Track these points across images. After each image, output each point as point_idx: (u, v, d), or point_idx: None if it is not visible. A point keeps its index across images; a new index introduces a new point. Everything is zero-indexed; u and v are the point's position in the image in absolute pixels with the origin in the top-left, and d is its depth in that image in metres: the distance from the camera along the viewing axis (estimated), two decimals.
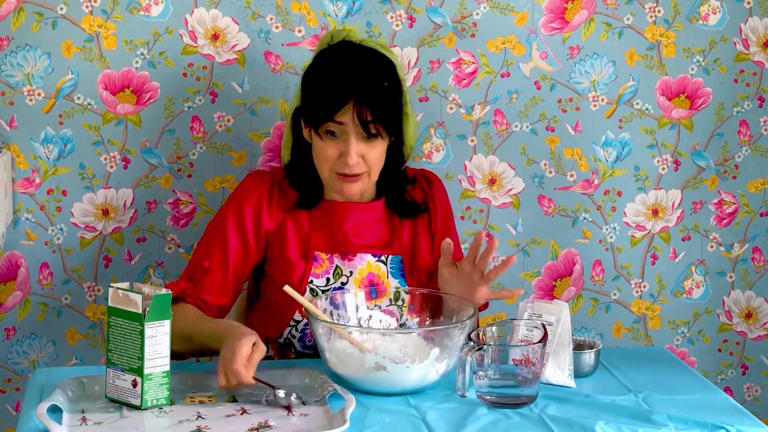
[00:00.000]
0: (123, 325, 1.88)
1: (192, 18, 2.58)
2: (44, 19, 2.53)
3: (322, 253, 2.28)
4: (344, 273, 2.28)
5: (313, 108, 2.20)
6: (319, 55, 2.27)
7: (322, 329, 2.01)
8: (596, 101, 2.76)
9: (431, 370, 1.97)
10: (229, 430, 1.79)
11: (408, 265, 2.32)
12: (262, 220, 2.27)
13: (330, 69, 2.20)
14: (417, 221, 2.35)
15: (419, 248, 2.34)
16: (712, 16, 2.76)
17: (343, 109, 2.15)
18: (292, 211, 2.29)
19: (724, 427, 1.85)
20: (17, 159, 2.58)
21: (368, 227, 2.31)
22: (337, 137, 2.19)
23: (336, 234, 2.29)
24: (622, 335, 2.88)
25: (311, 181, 2.30)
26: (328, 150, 2.20)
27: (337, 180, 2.22)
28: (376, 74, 2.19)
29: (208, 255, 2.25)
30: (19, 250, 2.62)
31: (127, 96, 2.59)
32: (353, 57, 2.21)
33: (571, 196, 2.79)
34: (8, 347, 2.66)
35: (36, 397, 1.93)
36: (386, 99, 2.19)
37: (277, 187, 2.30)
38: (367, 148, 2.20)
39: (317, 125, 2.19)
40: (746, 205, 2.87)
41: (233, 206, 2.29)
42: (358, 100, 2.15)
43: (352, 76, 2.17)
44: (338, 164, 2.20)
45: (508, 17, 2.69)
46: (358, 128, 2.17)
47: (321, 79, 2.20)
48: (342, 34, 2.32)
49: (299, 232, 2.29)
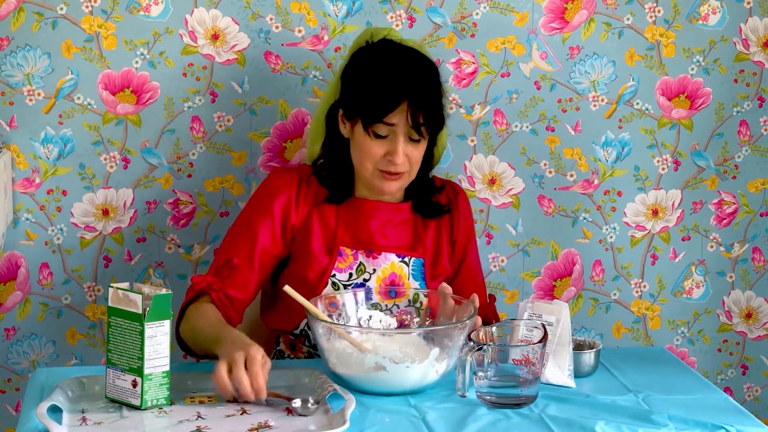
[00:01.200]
0: (123, 325, 1.88)
1: (192, 18, 2.58)
2: (44, 19, 2.53)
3: (347, 248, 2.28)
4: (367, 270, 2.28)
5: (364, 108, 2.19)
6: (364, 54, 2.27)
7: (321, 329, 2.01)
8: (596, 101, 2.76)
9: (431, 370, 1.97)
10: (229, 430, 1.78)
11: (429, 269, 2.32)
12: (291, 216, 2.27)
13: (382, 69, 2.20)
14: (440, 228, 2.35)
15: (441, 254, 2.34)
16: (712, 16, 2.76)
17: (397, 110, 2.16)
18: (319, 206, 2.29)
19: (724, 427, 1.85)
20: (17, 159, 2.58)
21: (394, 228, 2.31)
22: (385, 137, 2.20)
23: (362, 232, 2.29)
24: (622, 335, 2.88)
25: (344, 177, 2.30)
26: (375, 148, 2.20)
27: (380, 177, 2.23)
28: (429, 76, 2.21)
29: (236, 250, 2.25)
30: (19, 250, 2.62)
31: (127, 96, 2.59)
32: (405, 58, 2.22)
33: (571, 196, 2.79)
34: (8, 347, 2.66)
35: (36, 397, 1.93)
36: (438, 102, 2.21)
37: (305, 183, 2.30)
38: (413, 148, 2.21)
39: (367, 125, 2.19)
40: (746, 205, 2.87)
41: (262, 202, 2.28)
42: (413, 102, 2.16)
43: (407, 78, 2.17)
44: (383, 162, 2.21)
45: (508, 17, 2.69)
46: (409, 129, 2.18)
47: (373, 79, 2.19)
48: (382, 33, 2.32)
49: (325, 227, 2.28)
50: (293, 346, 2.33)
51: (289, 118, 2.66)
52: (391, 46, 2.26)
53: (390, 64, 2.21)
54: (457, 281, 2.37)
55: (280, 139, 2.66)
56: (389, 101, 2.16)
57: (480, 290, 2.40)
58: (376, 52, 2.25)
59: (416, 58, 2.23)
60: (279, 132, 2.66)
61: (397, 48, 2.26)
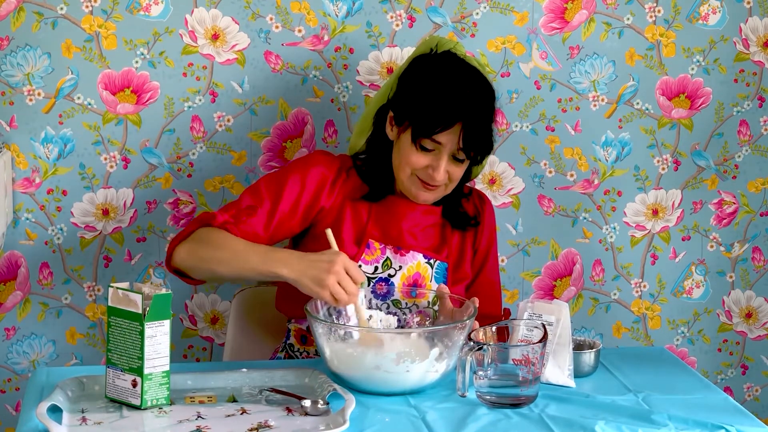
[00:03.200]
0: (123, 325, 1.88)
1: (192, 18, 2.58)
2: (44, 19, 2.53)
3: (375, 242, 2.28)
4: (393, 266, 2.28)
5: (416, 119, 2.17)
6: (425, 63, 2.23)
7: (321, 329, 2.01)
8: (596, 101, 2.76)
9: (431, 370, 1.97)
10: (229, 430, 1.78)
11: (452, 273, 2.32)
12: (322, 196, 2.26)
13: (441, 85, 2.17)
14: (465, 234, 2.35)
15: (464, 260, 2.34)
16: (712, 16, 2.76)
17: (449, 131, 2.15)
18: (353, 199, 2.29)
19: (724, 427, 1.85)
20: (17, 159, 2.58)
21: (423, 230, 2.31)
22: (430, 150, 2.18)
23: (392, 230, 2.29)
24: (622, 335, 2.88)
25: (384, 176, 2.29)
26: (417, 158, 2.19)
27: (416, 185, 2.23)
28: (486, 101, 2.19)
29: (259, 201, 2.23)
30: (19, 250, 2.62)
31: (127, 96, 2.59)
32: (466, 78, 2.19)
33: (571, 196, 2.79)
34: (8, 347, 2.66)
35: (36, 397, 1.93)
36: (490, 128, 2.19)
37: (344, 172, 2.30)
38: (455, 166, 2.20)
39: (415, 137, 2.17)
40: (746, 205, 2.87)
41: (299, 169, 2.26)
42: (466, 125, 2.14)
43: (465, 100, 2.15)
44: (423, 173, 2.20)
45: (508, 17, 2.69)
46: (456, 151, 2.17)
47: (430, 93, 2.16)
48: (448, 45, 2.29)
49: (356, 220, 2.28)
50: (304, 339, 2.32)
51: (289, 118, 2.66)
52: (454, 62, 2.22)
53: (450, 81, 2.17)
54: (473, 289, 2.37)
55: (280, 139, 2.67)
56: (443, 120, 2.14)
57: (495, 301, 2.40)
58: (437, 65, 2.21)
59: (477, 79, 2.20)
60: (279, 132, 2.66)
61: (459, 65, 2.21)
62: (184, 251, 2.18)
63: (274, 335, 2.49)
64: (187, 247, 2.18)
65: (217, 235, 2.17)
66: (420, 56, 2.27)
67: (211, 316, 2.73)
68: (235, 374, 2.01)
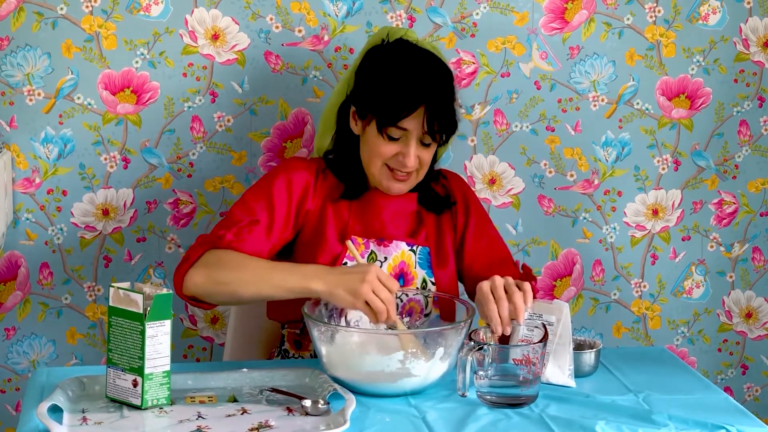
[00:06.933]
0: (124, 324, 1.88)
1: (192, 18, 2.58)
2: (44, 19, 2.53)
3: (358, 237, 2.28)
4: (378, 258, 2.28)
5: (379, 110, 2.17)
6: (379, 53, 2.24)
7: (317, 332, 2.00)
8: (596, 101, 2.76)
9: (431, 370, 1.97)
10: (229, 430, 1.78)
11: (435, 257, 2.32)
12: (307, 200, 2.26)
13: (399, 72, 2.18)
14: (441, 216, 2.35)
15: (443, 241, 2.34)
16: (712, 16, 2.76)
17: (413, 115, 2.15)
18: (333, 200, 2.29)
19: (724, 427, 1.85)
20: (17, 159, 2.58)
21: (404, 218, 2.32)
22: (397, 139, 2.19)
23: (373, 223, 2.29)
24: (622, 335, 2.88)
25: (356, 173, 2.29)
26: (386, 148, 2.20)
27: (387, 176, 2.23)
28: (445, 82, 2.20)
29: (253, 216, 2.21)
30: (19, 250, 2.62)
31: (127, 96, 2.59)
32: (422, 62, 2.20)
33: (571, 196, 2.79)
34: (8, 347, 2.66)
35: (36, 397, 1.93)
36: (452, 107, 2.20)
37: (322, 174, 2.30)
38: (424, 150, 2.21)
39: (381, 127, 2.18)
40: (746, 205, 2.87)
41: (282, 175, 2.26)
42: (429, 107, 2.15)
43: (424, 83, 2.16)
44: (393, 162, 2.21)
45: (508, 17, 2.69)
46: (423, 134, 2.17)
47: (389, 82, 2.17)
48: (399, 33, 2.31)
49: (338, 219, 2.28)
50: (299, 344, 2.32)
51: (289, 118, 2.66)
52: (407, 48, 2.24)
53: (407, 67, 2.18)
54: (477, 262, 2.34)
55: (280, 139, 2.67)
56: (406, 106, 2.15)
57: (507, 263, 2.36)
58: (392, 53, 2.23)
59: (433, 62, 2.21)
60: (279, 132, 2.66)
61: (413, 50, 2.23)
62: (198, 277, 2.12)
63: (274, 335, 2.49)
64: (200, 272, 2.12)
65: (230, 257, 2.13)
66: (373, 48, 2.28)
67: (211, 316, 2.73)
68: (235, 374, 2.01)
